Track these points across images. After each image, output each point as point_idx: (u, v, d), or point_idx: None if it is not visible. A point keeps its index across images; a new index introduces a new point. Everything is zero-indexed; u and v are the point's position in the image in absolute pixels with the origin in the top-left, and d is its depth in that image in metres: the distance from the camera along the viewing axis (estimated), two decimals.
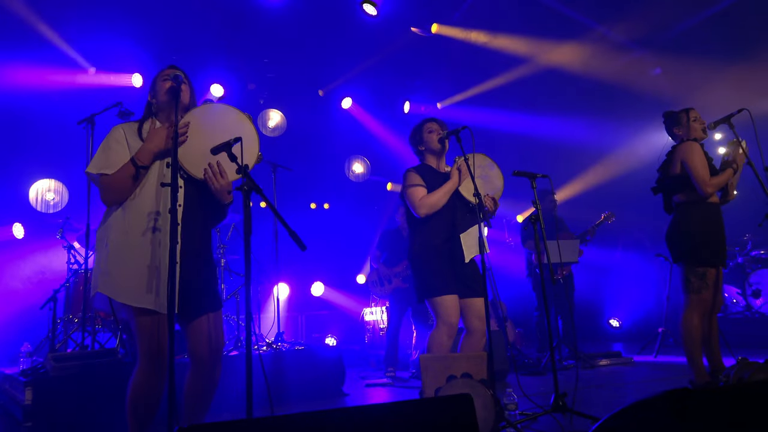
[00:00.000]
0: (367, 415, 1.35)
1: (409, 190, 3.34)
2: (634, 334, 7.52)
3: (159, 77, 2.50)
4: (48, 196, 6.38)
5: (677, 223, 3.59)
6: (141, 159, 2.30)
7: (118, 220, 2.31)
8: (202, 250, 2.46)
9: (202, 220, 2.47)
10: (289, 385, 4.20)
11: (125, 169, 2.29)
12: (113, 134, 2.38)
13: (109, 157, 2.32)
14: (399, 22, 6.96)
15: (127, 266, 2.26)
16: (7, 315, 5.19)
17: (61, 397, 3.43)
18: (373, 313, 6.92)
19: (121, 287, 2.25)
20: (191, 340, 2.39)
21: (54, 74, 6.18)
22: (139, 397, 2.27)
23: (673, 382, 4.18)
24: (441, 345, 3.16)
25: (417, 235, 3.37)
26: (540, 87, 7.89)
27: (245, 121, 2.50)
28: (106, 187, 2.30)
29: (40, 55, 6.00)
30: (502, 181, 3.48)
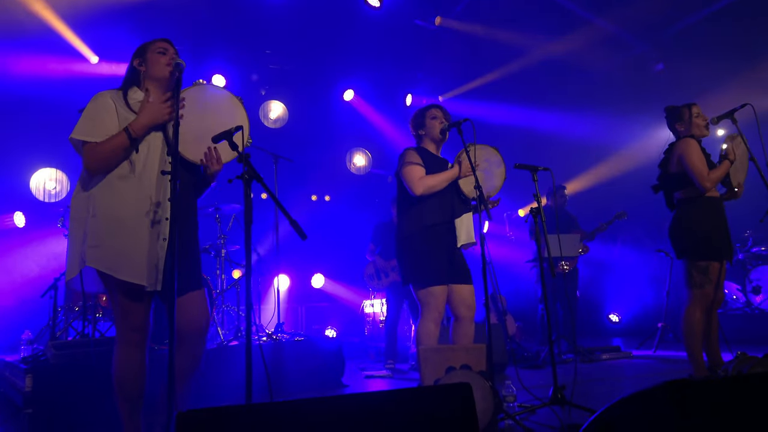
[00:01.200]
0: (368, 402, 1.36)
1: (408, 167, 3.29)
2: (634, 329, 7.53)
3: (150, 48, 2.46)
4: (49, 185, 6.38)
5: (679, 219, 3.59)
6: (135, 130, 2.26)
7: (107, 192, 2.26)
8: (190, 229, 2.47)
9: (189, 198, 2.49)
10: (289, 376, 4.22)
11: (118, 140, 2.24)
12: (101, 101, 2.32)
13: (97, 124, 2.26)
14: (402, 14, 6.93)
15: (120, 241, 2.22)
16: (8, 303, 5.20)
17: (61, 385, 3.44)
18: (372, 305, 6.93)
19: (113, 261, 2.20)
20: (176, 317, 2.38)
21: (57, 63, 6.17)
22: (122, 372, 2.28)
23: (672, 375, 4.19)
24: (429, 333, 3.16)
25: (408, 216, 3.32)
26: (543, 81, 7.86)
27: (237, 104, 2.52)
28: (94, 155, 2.24)
29: (43, 44, 5.99)
30: (501, 181, 3.46)
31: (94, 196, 2.27)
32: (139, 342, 2.30)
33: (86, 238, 2.23)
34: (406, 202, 3.36)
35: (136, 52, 2.50)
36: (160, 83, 2.44)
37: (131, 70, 2.47)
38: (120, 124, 2.29)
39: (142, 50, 2.48)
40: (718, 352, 3.57)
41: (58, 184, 6.40)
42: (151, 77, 2.44)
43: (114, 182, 2.27)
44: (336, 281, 7.80)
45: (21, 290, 5.19)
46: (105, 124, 2.27)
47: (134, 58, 2.48)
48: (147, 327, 2.33)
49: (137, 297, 2.26)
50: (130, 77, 2.47)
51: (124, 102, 2.37)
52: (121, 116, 2.31)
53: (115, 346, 2.32)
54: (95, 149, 2.24)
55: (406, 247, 3.29)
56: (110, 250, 2.21)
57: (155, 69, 2.42)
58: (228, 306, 5.13)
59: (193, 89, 2.47)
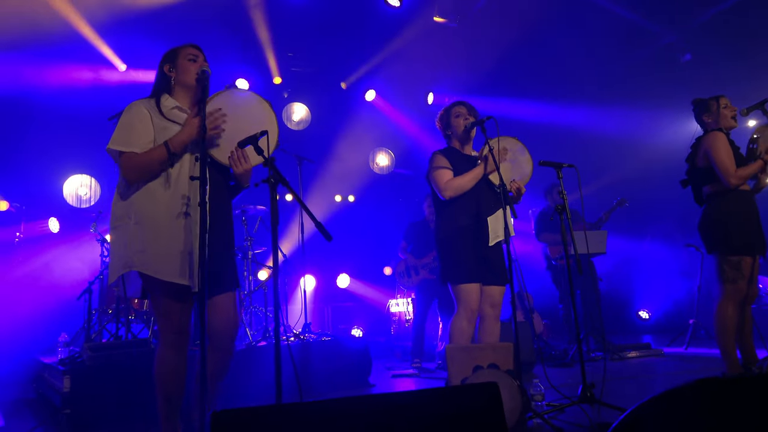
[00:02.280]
0: (396, 402, 1.37)
1: (436, 172, 3.35)
2: (664, 326, 7.40)
3: (181, 55, 2.48)
4: (81, 191, 6.56)
5: (709, 214, 3.52)
6: (175, 146, 2.31)
7: (146, 199, 2.31)
8: (225, 230, 2.52)
9: (224, 200, 2.54)
10: (316, 376, 4.26)
11: (157, 154, 2.29)
12: (135, 110, 2.36)
13: (133, 134, 2.31)
14: (422, 13, 6.92)
15: (162, 245, 2.28)
16: (45, 306, 5.35)
17: (97, 385, 3.55)
18: (398, 304, 6.95)
19: (158, 264, 2.27)
20: (209, 317, 2.43)
21: (86, 71, 6.34)
22: (164, 372, 2.34)
23: (705, 374, 4.10)
24: (462, 330, 3.20)
25: (443, 217, 3.38)
26: (566, 75, 7.76)
27: (265, 107, 2.55)
28: (132, 165, 2.29)
29: (73, 52, 6.15)
30: (531, 167, 3.43)
31: (133, 203, 2.32)
32: (181, 343, 2.36)
33: (129, 244, 2.29)
34: (439, 204, 3.42)
35: (165, 57, 2.52)
36: (190, 90, 2.48)
37: (161, 75, 2.50)
38: (155, 132, 2.34)
39: (173, 55, 2.50)
40: (752, 349, 3.49)
41: (90, 190, 6.58)
42: (180, 84, 2.48)
43: (152, 188, 2.33)
44: (361, 281, 7.83)
45: (57, 294, 5.34)
46: (140, 133, 2.32)
47: (164, 63, 2.50)
48: (188, 329, 2.39)
49: (180, 298, 2.33)
50: (160, 83, 2.50)
51: (158, 110, 2.40)
52: (156, 125, 2.36)
53: (157, 347, 2.39)
54: (133, 160, 2.29)
55: (442, 247, 3.36)
56: (154, 254, 2.27)
57: (186, 77, 2.45)
58: (255, 307, 5.21)
59: (222, 94, 2.51)
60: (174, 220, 2.32)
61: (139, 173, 2.30)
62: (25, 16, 5.67)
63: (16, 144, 6.06)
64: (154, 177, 2.32)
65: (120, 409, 3.50)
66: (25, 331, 5.22)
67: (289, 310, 6.09)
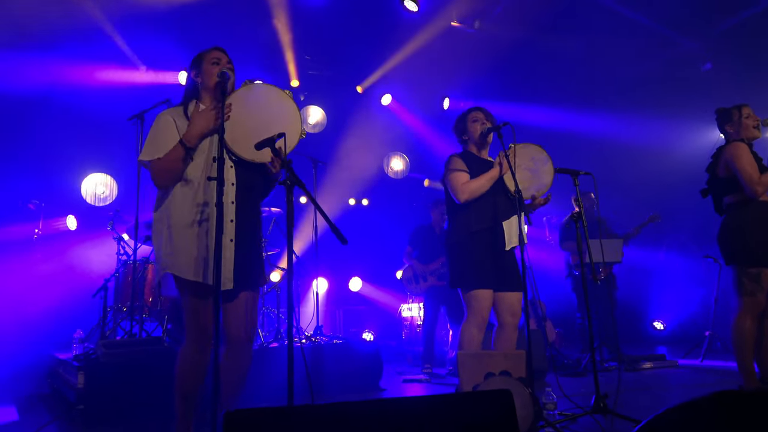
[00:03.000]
0: (408, 407, 1.37)
1: (452, 174, 3.33)
2: (679, 338, 7.30)
3: (206, 59, 2.52)
4: (99, 190, 6.65)
5: (728, 224, 3.48)
6: (189, 140, 2.36)
7: (175, 203, 2.39)
8: (254, 228, 2.55)
9: (254, 199, 2.56)
10: (328, 378, 4.26)
11: (174, 151, 2.35)
12: (161, 121, 2.44)
13: (159, 143, 2.38)
14: (439, 18, 6.92)
15: (188, 246, 2.34)
16: (61, 302, 5.42)
17: (110, 382, 3.59)
18: (410, 309, 6.93)
19: (185, 265, 2.33)
20: (228, 316, 2.46)
21: (108, 72, 6.43)
22: (186, 370, 2.37)
23: (721, 387, 4.04)
24: (471, 337, 3.17)
25: (456, 221, 3.35)
26: (584, 82, 7.71)
27: (286, 98, 2.55)
28: (158, 170, 2.37)
29: (94, 53, 6.24)
30: (551, 177, 3.39)
31: (167, 209, 2.41)
32: (205, 343, 2.39)
33: (163, 248, 2.38)
34: (453, 208, 3.39)
35: (192, 63, 2.57)
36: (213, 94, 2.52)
37: (190, 82, 2.58)
38: (180, 135, 2.39)
39: (198, 61, 2.55)
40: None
41: (107, 189, 6.66)
42: (205, 88, 2.52)
43: (182, 193, 2.39)
44: (373, 285, 7.83)
45: (73, 290, 5.41)
46: (166, 141, 2.38)
47: (191, 69, 2.57)
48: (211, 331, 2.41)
49: (205, 299, 2.36)
50: (189, 90, 2.57)
51: (185, 116, 2.46)
52: (181, 129, 2.41)
53: (181, 346, 2.42)
54: (157, 165, 2.37)
55: (454, 252, 3.33)
56: (182, 256, 2.34)
57: (209, 80, 2.50)
58: (268, 308, 5.23)
59: (242, 90, 2.52)
60: (199, 222, 2.37)
61: (164, 175, 2.38)
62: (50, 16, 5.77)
63: (37, 142, 6.16)
64: (180, 177, 2.39)
65: (133, 405, 3.53)
66: (42, 327, 5.30)
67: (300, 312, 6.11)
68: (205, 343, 2.39)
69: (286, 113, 2.51)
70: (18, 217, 5.93)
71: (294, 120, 2.51)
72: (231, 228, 2.39)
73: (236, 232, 2.40)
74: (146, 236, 4.88)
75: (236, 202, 2.42)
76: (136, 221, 4.41)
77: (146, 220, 4.86)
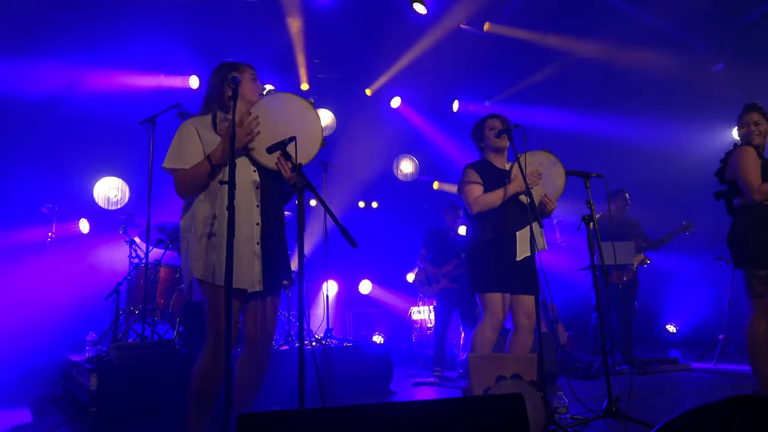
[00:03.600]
0: (420, 410, 1.37)
1: (466, 187, 3.42)
2: (692, 341, 7.22)
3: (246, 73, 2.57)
4: (111, 194, 6.71)
5: (736, 227, 3.48)
6: (216, 158, 2.40)
7: (203, 210, 2.43)
8: (280, 232, 2.59)
9: (276, 202, 2.60)
10: (338, 381, 4.26)
11: (201, 166, 2.40)
12: (185, 130, 2.48)
13: (183, 153, 2.43)
14: (448, 20, 6.92)
15: (218, 252, 2.36)
16: (74, 305, 5.48)
17: (123, 384, 3.61)
18: (420, 311, 6.92)
19: (213, 270, 2.36)
20: (249, 319, 2.49)
21: (121, 76, 6.49)
22: (205, 375, 2.37)
23: (735, 391, 4.00)
24: (485, 339, 3.22)
25: (473, 229, 3.47)
26: (594, 84, 7.68)
27: (308, 108, 2.58)
28: (182, 180, 2.42)
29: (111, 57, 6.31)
30: (563, 180, 3.42)
31: (194, 215, 2.45)
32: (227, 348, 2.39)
33: (190, 254, 2.43)
34: (470, 217, 3.49)
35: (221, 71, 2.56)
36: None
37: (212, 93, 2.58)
38: (204, 146, 2.44)
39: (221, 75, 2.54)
40: None
41: (120, 193, 6.72)
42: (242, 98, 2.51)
43: (205, 200, 2.44)
44: (383, 287, 7.83)
45: (86, 293, 5.46)
46: (189, 151, 2.43)
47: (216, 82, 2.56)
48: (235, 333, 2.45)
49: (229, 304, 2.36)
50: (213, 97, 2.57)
51: (212, 127, 2.49)
52: (204, 139, 2.46)
53: (203, 351, 2.43)
54: (183, 176, 2.42)
55: (470, 258, 3.46)
56: (210, 261, 2.37)
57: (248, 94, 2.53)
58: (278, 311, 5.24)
59: (265, 99, 2.56)
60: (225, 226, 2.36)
61: (188, 187, 2.44)
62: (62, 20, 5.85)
63: (50, 146, 6.23)
64: (203, 189, 2.44)
65: (145, 408, 3.56)
66: (55, 329, 5.35)
67: (311, 314, 6.12)
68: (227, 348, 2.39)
69: (307, 122, 2.54)
70: (32, 220, 6.00)
71: (315, 129, 2.55)
72: (257, 231, 2.44)
73: (262, 234, 2.45)
74: (158, 239, 4.91)
75: (261, 206, 2.47)
76: (147, 225, 4.45)
77: (158, 224, 4.90)
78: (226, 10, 6.31)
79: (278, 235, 2.56)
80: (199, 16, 6.29)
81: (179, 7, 6.14)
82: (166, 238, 4.98)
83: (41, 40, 5.96)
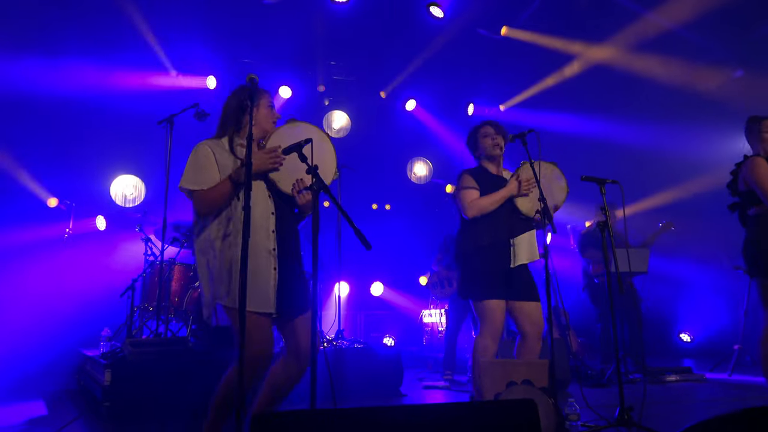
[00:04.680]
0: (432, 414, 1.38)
1: (461, 191, 3.36)
2: (707, 350, 7.13)
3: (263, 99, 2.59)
4: (127, 191, 6.79)
5: (750, 237, 3.43)
6: (238, 177, 2.42)
7: (220, 231, 2.46)
8: (296, 254, 2.63)
9: (292, 228, 2.64)
10: (348, 382, 4.28)
11: (223, 187, 2.44)
12: (201, 152, 2.51)
13: (201, 173, 2.47)
14: (465, 24, 6.92)
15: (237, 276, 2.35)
16: (90, 301, 5.55)
17: (136, 380, 3.66)
18: (431, 315, 6.91)
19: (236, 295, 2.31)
20: (293, 336, 2.53)
21: (140, 76, 6.58)
22: (229, 389, 2.38)
23: (750, 402, 3.94)
24: (486, 348, 3.17)
25: (465, 234, 3.39)
26: (611, 89, 7.62)
27: (325, 140, 2.66)
28: (202, 201, 2.45)
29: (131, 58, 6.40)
30: (564, 195, 3.35)
31: (209, 237, 2.48)
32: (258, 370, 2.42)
33: (215, 279, 2.44)
34: (463, 222, 3.42)
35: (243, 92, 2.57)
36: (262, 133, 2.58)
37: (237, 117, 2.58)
38: (220, 169, 2.48)
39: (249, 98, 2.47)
40: None
41: (136, 190, 6.81)
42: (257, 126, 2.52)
43: (229, 223, 2.46)
44: (395, 290, 7.84)
45: (101, 289, 5.53)
46: (208, 172, 2.47)
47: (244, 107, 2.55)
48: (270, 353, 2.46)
49: (260, 325, 2.41)
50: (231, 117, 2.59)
51: (230, 150, 2.52)
52: (220, 163, 2.49)
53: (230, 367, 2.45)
54: (203, 196, 2.45)
55: (463, 263, 3.37)
56: (234, 286, 2.37)
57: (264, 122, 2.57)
58: None
59: (285, 127, 2.62)
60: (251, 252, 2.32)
61: (209, 207, 2.47)
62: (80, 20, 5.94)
63: (69, 144, 6.33)
64: (224, 209, 2.47)
65: (158, 403, 3.59)
66: (70, 324, 5.43)
67: (322, 316, 6.14)
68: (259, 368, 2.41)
69: (323, 154, 2.60)
70: (50, 217, 6.10)
71: (330, 161, 2.61)
72: (273, 256, 2.47)
73: (281, 259, 2.49)
74: (173, 237, 4.96)
75: (277, 231, 2.51)
76: (164, 223, 4.49)
77: (173, 222, 4.95)
78: (243, 12, 6.37)
79: (294, 257, 2.59)
80: (217, 17, 6.35)
81: (197, 8, 6.21)
82: (181, 236, 5.03)
83: (64, 39, 6.06)
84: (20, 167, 6.11)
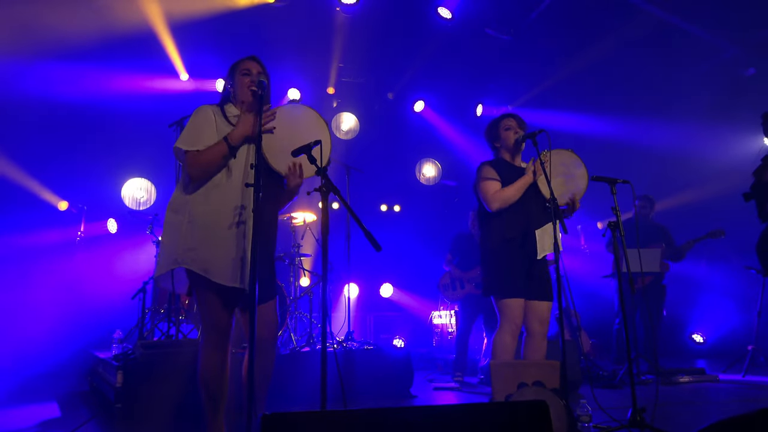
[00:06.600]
0: (443, 415, 1.37)
1: (483, 183, 3.32)
2: (720, 351, 7.05)
3: (238, 70, 2.59)
4: (138, 195, 6.85)
5: (765, 235, 3.37)
6: (233, 140, 2.42)
7: (200, 201, 2.42)
8: (271, 239, 2.60)
9: (272, 210, 2.61)
10: (358, 384, 4.27)
11: (218, 148, 2.41)
12: (202, 114, 2.51)
13: (198, 134, 2.45)
14: (473, 25, 6.91)
15: (213, 246, 2.36)
16: (101, 303, 5.60)
17: (148, 382, 3.67)
18: (441, 316, 6.90)
19: (207, 264, 2.33)
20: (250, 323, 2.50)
21: (153, 80, 6.63)
22: (206, 371, 2.39)
23: (764, 403, 3.89)
24: (505, 345, 3.17)
25: (489, 229, 3.35)
26: (623, 88, 7.57)
27: (323, 126, 2.64)
28: (196, 162, 2.41)
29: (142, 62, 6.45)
30: (586, 181, 3.33)
31: (190, 202, 2.43)
32: (223, 343, 2.42)
33: (180, 241, 2.38)
34: (486, 216, 3.37)
35: (228, 73, 2.66)
36: (244, 105, 2.59)
37: (224, 90, 2.68)
38: (218, 134, 2.46)
39: (232, 71, 2.63)
40: None
41: (147, 194, 6.85)
42: (236, 98, 2.60)
43: (209, 191, 2.43)
44: (404, 291, 7.83)
45: (113, 292, 5.58)
46: (206, 134, 2.45)
47: (227, 78, 2.66)
48: (230, 330, 2.46)
49: (225, 300, 2.39)
50: (225, 95, 2.66)
51: (223, 116, 2.54)
52: (220, 128, 2.49)
53: (200, 347, 2.45)
54: (197, 157, 2.42)
55: (487, 259, 3.34)
56: (204, 254, 2.35)
57: (239, 92, 2.58)
58: (300, 313, 5.28)
59: (287, 106, 2.63)
60: (227, 224, 2.39)
61: (202, 169, 2.42)
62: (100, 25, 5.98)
63: (82, 147, 6.39)
64: (216, 173, 2.43)
65: (169, 405, 3.61)
66: (83, 327, 5.47)
67: (332, 317, 6.15)
68: (223, 344, 2.41)
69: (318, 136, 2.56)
70: (61, 220, 6.16)
71: (325, 147, 2.56)
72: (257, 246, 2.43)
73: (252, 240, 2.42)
74: None
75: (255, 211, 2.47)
76: None
77: None
78: (252, 13, 6.39)
79: (268, 243, 2.55)
80: (226, 19, 6.38)
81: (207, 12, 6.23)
82: None
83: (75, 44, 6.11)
84: (31, 171, 6.18)
